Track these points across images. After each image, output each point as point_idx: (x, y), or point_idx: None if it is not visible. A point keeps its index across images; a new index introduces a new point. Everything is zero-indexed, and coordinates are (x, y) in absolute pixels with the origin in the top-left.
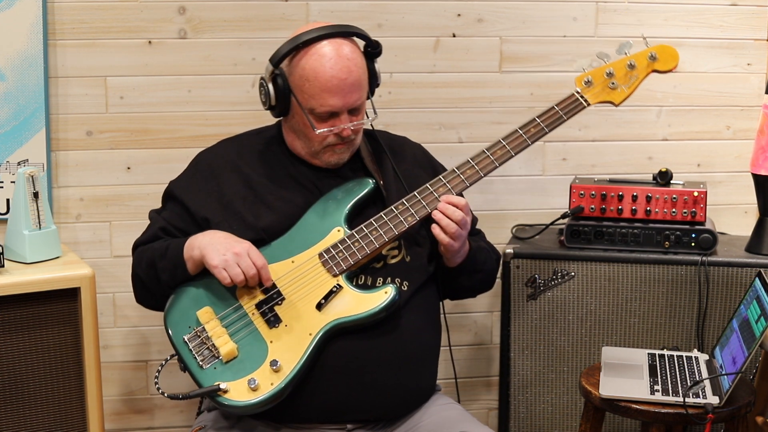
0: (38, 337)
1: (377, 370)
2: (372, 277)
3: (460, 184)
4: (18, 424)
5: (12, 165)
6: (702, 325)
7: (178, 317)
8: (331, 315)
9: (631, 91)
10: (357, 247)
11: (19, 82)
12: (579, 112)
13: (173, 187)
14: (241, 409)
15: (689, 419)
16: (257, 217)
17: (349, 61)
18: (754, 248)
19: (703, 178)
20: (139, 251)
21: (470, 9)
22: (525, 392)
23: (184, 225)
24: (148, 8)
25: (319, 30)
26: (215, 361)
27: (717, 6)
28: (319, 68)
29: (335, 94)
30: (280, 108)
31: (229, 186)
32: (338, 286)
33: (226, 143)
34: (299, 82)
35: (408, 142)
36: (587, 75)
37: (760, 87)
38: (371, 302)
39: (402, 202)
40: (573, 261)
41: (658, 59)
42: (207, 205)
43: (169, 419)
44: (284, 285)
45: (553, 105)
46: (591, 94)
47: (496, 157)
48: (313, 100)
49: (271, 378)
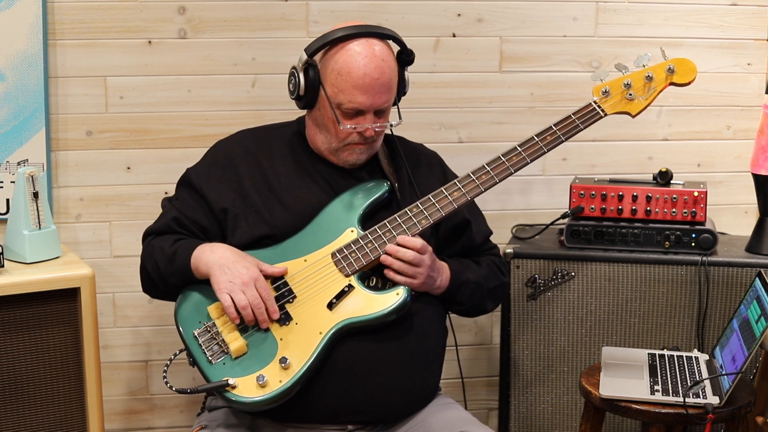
0: (38, 337)
1: (383, 372)
2: (383, 279)
3: (475, 189)
4: (18, 424)
5: (12, 165)
6: (702, 325)
7: (189, 312)
8: (342, 315)
9: (648, 102)
10: (370, 248)
11: (19, 82)
12: (595, 122)
13: (191, 174)
14: (249, 406)
15: (689, 419)
16: (272, 213)
17: (383, 62)
18: (754, 248)
19: (704, 178)
20: (149, 246)
21: (470, 9)
22: (525, 392)
23: (199, 216)
24: (147, 8)
25: (357, 28)
26: (224, 356)
27: (717, 6)
28: (353, 64)
29: (365, 92)
30: (308, 99)
31: (247, 177)
32: (350, 286)
33: (245, 133)
34: (331, 75)
35: (424, 150)
36: (605, 85)
37: (760, 87)
38: (382, 303)
39: (416, 205)
40: (573, 261)
41: (677, 72)
42: (225, 195)
43: (169, 419)
44: (296, 283)
45: (570, 114)
46: (608, 104)
47: (511, 163)
48: (342, 95)
49: (280, 375)
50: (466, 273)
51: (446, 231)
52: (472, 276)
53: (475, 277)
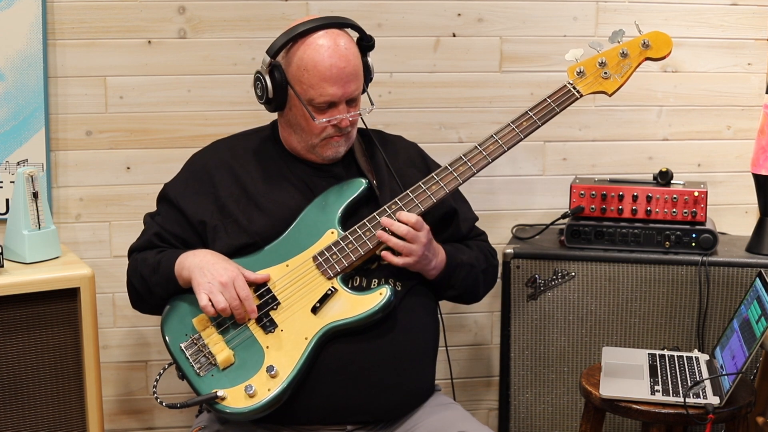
0: (38, 338)
1: (375, 371)
2: (367, 278)
3: (453, 181)
4: (17, 425)
5: (11, 165)
6: (702, 326)
7: (175, 326)
8: (326, 318)
9: (624, 80)
10: (351, 249)
11: (18, 82)
12: (572, 104)
13: (168, 190)
14: (240, 416)
15: (690, 419)
16: (250, 221)
17: (346, 50)
18: (754, 248)
19: (704, 178)
20: (133, 261)
21: (470, 9)
22: (525, 392)
23: (179, 230)
24: (147, 8)
25: (315, 21)
26: (212, 368)
27: (717, 5)
28: (317, 57)
29: (334, 83)
30: (277, 101)
31: (224, 187)
32: (333, 289)
33: (218, 144)
34: (297, 72)
35: (402, 141)
36: (579, 65)
37: (760, 87)
38: (366, 304)
39: (395, 201)
40: (573, 261)
41: (651, 46)
42: (203, 207)
43: (168, 420)
44: (279, 289)
45: (545, 98)
46: (583, 84)
47: (488, 152)
48: (312, 90)
49: (268, 384)
50: (460, 255)
51: (433, 222)
52: (465, 258)
53: (468, 259)
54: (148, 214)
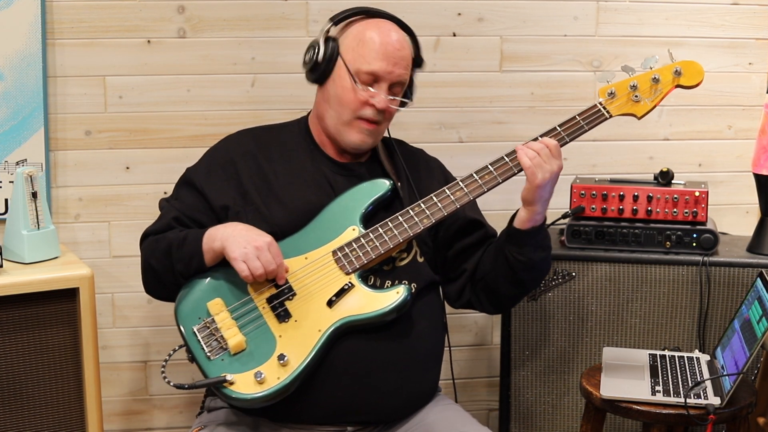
0: (37, 338)
1: (382, 373)
2: (381, 279)
3: (478, 188)
4: (17, 425)
5: (11, 165)
6: (703, 326)
7: (189, 308)
8: (341, 312)
9: (654, 104)
10: (371, 246)
11: (17, 82)
12: (600, 124)
13: (192, 174)
14: (247, 402)
15: (690, 420)
16: (271, 211)
17: (404, 41)
18: (755, 248)
19: (705, 177)
20: (152, 240)
21: (470, 8)
22: (525, 393)
23: (199, 214)
24: (147, 7)
25: (383, 12)
26: (223, 352)
27: (718, 5)
28: (375, 33)
29: (385, 58)
30: (323, 71)
31: (246, 176)
32: (350, 284)
33: (245, 133)
34: (352, 43)
35: (424, 155)
36: (611, 87)
37: (761, 86)
38: (382, 302)
39: (418, 204)
40: (574, 261)
41: (683, 74)
42: (226, 193)
43: (168, 420)
44: (296, 280)
45: (575, 115)
46: (614, 106)
47: (514, 163)
48: (362, 60)
49: (278, 372)
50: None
51: (449, 234)
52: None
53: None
54: (164, 199)
